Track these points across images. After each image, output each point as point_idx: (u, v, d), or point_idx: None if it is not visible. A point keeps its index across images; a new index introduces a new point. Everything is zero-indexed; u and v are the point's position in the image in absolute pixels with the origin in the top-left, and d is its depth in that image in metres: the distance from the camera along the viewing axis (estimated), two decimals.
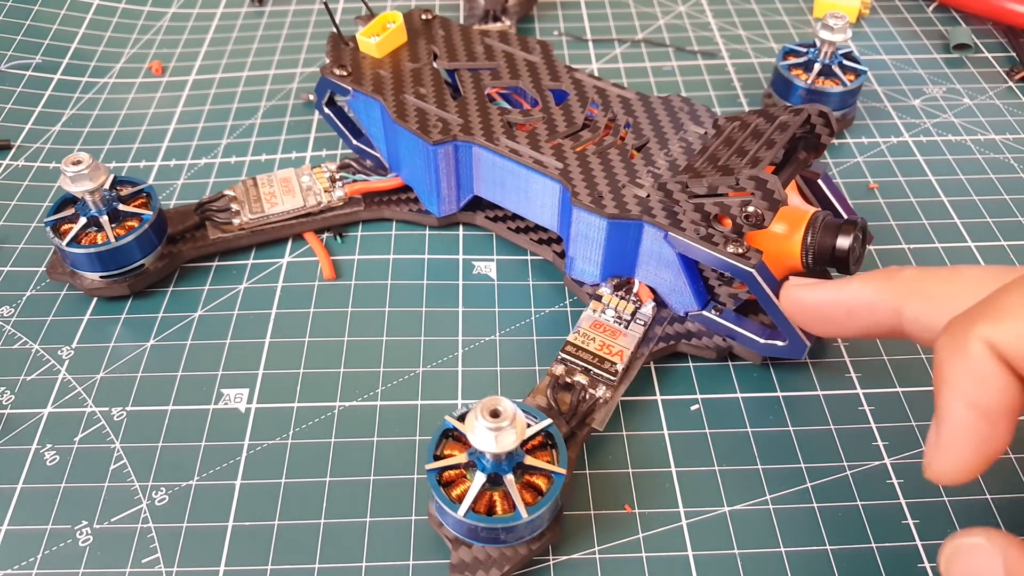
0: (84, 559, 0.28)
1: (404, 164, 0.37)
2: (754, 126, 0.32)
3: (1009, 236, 0.38)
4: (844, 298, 0.27)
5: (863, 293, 0.26)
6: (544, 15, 0.54)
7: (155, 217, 0.35)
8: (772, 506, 0.29)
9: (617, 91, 0.37)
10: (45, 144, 0.44)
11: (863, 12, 0.53)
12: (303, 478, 0.30)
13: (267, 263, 0.37)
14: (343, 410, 0.32)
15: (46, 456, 0.31)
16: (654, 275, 0.33)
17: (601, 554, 0.28)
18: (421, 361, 0.33)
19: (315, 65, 0.50)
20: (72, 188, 0.33)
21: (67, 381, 0.33)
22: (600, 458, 0.30)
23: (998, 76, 0.48)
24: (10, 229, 0.39)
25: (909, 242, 0.38)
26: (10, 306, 0.36)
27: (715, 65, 0.50)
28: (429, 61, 0.38)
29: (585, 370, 0.31)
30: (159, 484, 0.30)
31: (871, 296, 0.26)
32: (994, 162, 0.42)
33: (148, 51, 0.52)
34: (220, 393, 0.32)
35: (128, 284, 0.35)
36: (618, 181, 0.32)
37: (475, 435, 0.24)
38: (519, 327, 0.35)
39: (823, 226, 0.30)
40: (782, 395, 0.32)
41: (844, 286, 0.27)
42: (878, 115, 0.45)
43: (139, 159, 0.43)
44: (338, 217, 0.38)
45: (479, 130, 0.34)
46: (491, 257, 0.38)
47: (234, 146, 0.44)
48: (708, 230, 0.30)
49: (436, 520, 0.27)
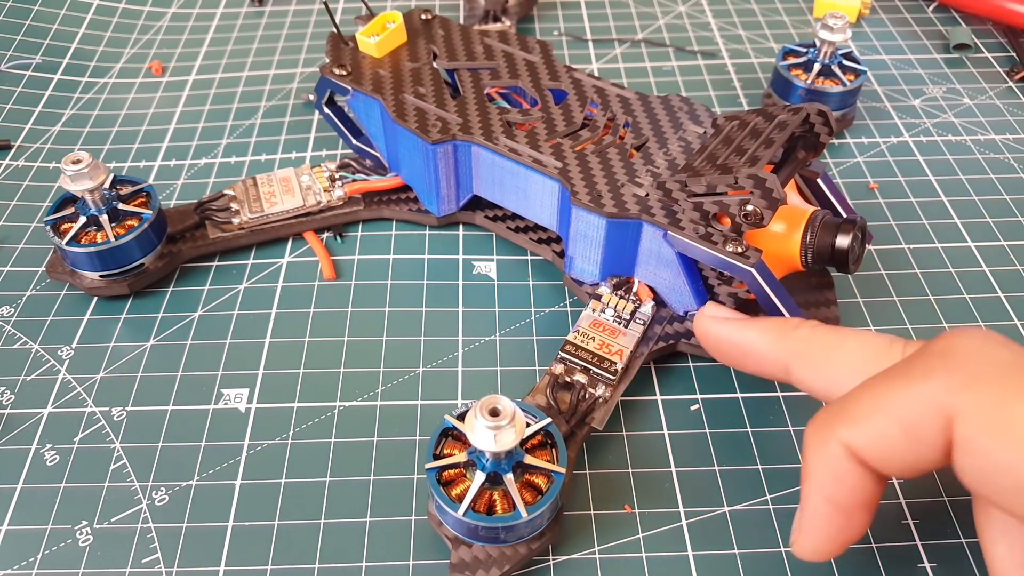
0: (84, 559, 0.28)
1: (403, 164, 0.37)
2: (753, 125, 0.32)
3: (1009, 236, 0.38)
4: (741, 341, 0.28)
5: (758, 343, 0.27)
6: (544, 15, 0.54)
7: (155, 216, 0.35)
8: (772, 506, 0.29)
9: (616, 91, 0.37)
10: (45, 144, 0.45)
11: (863, 12, 0.53)
12: (303, 478, 0.30)
13: (267, 263, 0.37)
14: (343, 410, 0.32)
15: (46, 456, 0.31)
16: (653, 274, 0.33)
17: (601, 554, 0.28)
18: (421, 361, 0.33)
19: (315, 65, 0.50)
20: (72, 187, 0.33)
21: (67, 381, 0.33)
22: (600, 458, 0.30)
23: (998, 76, 0.48)
24: (10, 229, 0.39)
25: (909, 242, 0.38)
26: (10, 306, 0.36)
27: (715, 65, 0.50)
28: (429, 61, 0.38)
29: (584, 369, 0.31)
30: (159, 484, 0.30)
31: (763, 348, 0.27)
32: (994, 162, 0.42)
33: (148, 51, 0.52)
34: (220, 393, 0.32)
35: (128, 283, 0.35)
36: (617, 180, 0.32)
37: (474, 434, 0.24)
38: (519, 327, 0.35)
39: (822, 225, 0.30)
40: (782, 395, 0.32)
41: (744, 329, 0.28)
42: (878, 115, 0.45)
43: (139, 159, 0.43)
44: (338, 217, 0.38)
45: (478, 129, 0.34)
46: (491, 257, 0.38)
47: (234, 146, 0.44)
48: (707, 229, 0.30)
49: (436, 519, 0.27)
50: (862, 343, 0.25)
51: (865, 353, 0.24)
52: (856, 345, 0.25)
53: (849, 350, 0.25)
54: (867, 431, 0.21)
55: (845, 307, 0.35)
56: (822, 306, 0.33)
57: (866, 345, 0.24)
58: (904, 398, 0.21)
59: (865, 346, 0.24)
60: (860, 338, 0.25)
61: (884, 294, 0.36)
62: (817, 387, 0.25)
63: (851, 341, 0.25)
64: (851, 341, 0.25)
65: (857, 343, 0.25)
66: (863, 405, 0.22)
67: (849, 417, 0.22)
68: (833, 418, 0.22)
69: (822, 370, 0.25)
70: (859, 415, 0.22)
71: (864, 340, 0.25)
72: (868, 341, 0.25)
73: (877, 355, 0.24)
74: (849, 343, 0.25)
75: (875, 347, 0.24)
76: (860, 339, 0.25)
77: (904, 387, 0.21)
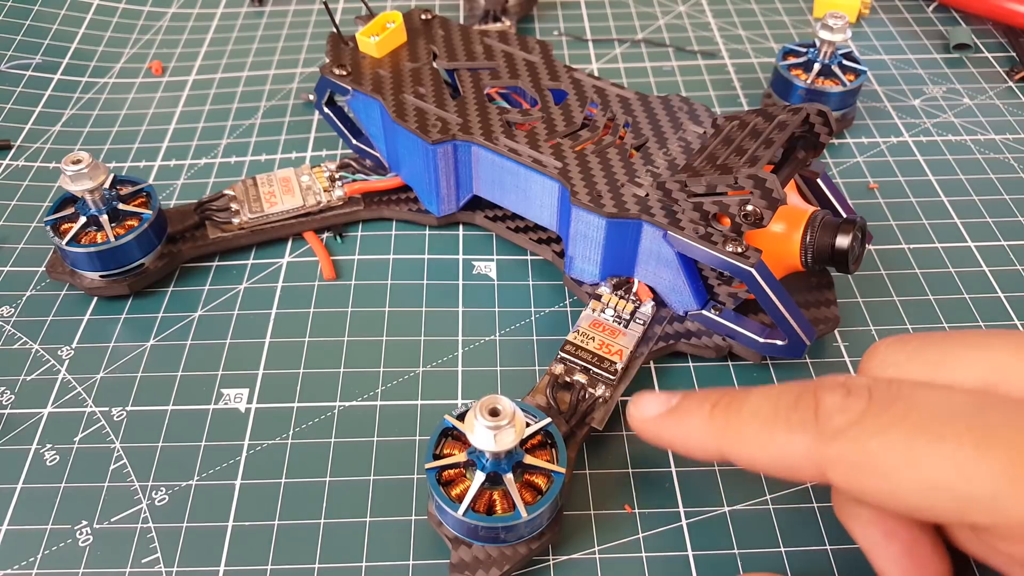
0: (84, 559, 0.28)
1: (403, 164, 0.37)
2: (753, 125, 0.32)
3: (1009, 236, 0.38)
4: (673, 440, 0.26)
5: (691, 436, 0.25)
6: (544, 15, 0.54)
7: (155, 216, 0.35)
8: (772, 506, 0.29)
9: (616, 91, 0.37)
10: (45, 144, 0.45)
11: (863, 12, 0.53)
12: (303, 478, 0.30)
13: (267, 263, 0.37)
14: (343, 410, 0.32)
15: (46, 456, 0.31)
16: (653, 274, 0.33)
17: (601, 554, 0.28)
18: (421, 361, 0.33)
19: (315, 65, 0.50)
20: (72, 187, 0.33)
21: (67, 381, 0.33)
22: (600, 458, 0.30)
23: (998, 76, 0.48)
24: (10, 229, 0.39)
25: (909, 242, 0.38)
26: (10, 306, 0.36)
27: (715, 65, 0.50)
28: (428, 61, 0.38)
29: (584, 369, 0.31)
30: (159, 484, 0.30)
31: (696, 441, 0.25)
32: (994, 162, 0.42)
33: (148, 51, 0.52)
34: (220, 393, 0.32)
35: (128, 283, 0.35)
36: (617, 180, 0.32)
37: (474, 434, 0.24)
38: (519, 327, 0.35)
39: (822, 225, 0.30)
40: None
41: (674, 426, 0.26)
42: (878, 115, 0.45)
43: (139, 159, 0.43)
44: (338, 217, 0.38)
45: (478, 129, 0.34)
46: (491, 257, 0.38)
47: (234, 146, 0.44)
48: (707, 229, 0.30)
49: (436, 519, 0.27)
50: (771, 403, 0.23)
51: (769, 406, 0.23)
52: (768, 410, 0.23)
53: (756, 406, 0.24)
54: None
55: (845, 307, 0.35)
56: (822, 306, 0.33)
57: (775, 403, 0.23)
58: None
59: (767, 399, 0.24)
60: (761, 393, 0.24)
61: (884, 294, 0.36)
62: (765, 469, 0.24)
63: (760, 406, 0.23)
64: (760, 406, 0.23)
65: (767, 407, 0.23)
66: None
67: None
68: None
69: (754, 451, 0.24)
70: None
71: (764, 395, 0.24)
72: (769, 395, 0.24)
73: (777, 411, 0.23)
74: (760, 410, 0.23)
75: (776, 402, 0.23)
76: (761, 394, 0.24)
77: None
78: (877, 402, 0.21)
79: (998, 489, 0.18)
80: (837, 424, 0.21)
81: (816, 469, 0.21)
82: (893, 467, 0.20)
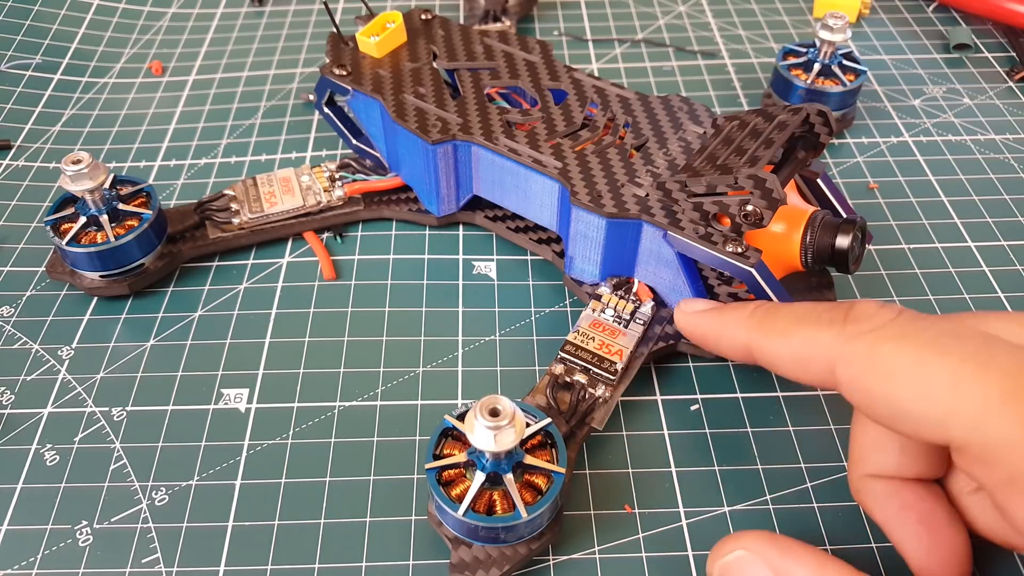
0: (84, 559, 0.28)
1: (404, 164, 0.37)
2: (753, 125, 0.32)
3: (1009, 236, 0.38)
4: (708, 332, 0.29)
5: (725, 328, 0.28)
6: (544, 15, 0.54)
7: (155, 216, 0.35)
8: (772, 506, 0.29)
9: (616, 91, 0.37)
10: (45, 144, 0.45)
11: (863, 12, 0.53)
12: (303, 478, 0.30)
13: (267, 263, 0.37)
14: (343, 410, 0.32)
15: (46, 456, 0.31)
16: (653, 274, 0.33)
17: (601, 554, 0.28)
18: (421, 361, 0.33)
19: (315, 65, 0.50)
20: (72, 187, 0.33)
21: (67, 381, 0.33)
22: (600, 458, 0.30)
23: (998, 76, 0.48)
24: (10, 229, 0.39)
25: (909, 242, 0.38)
26: (10, 306, 0.36)
27: (715, 65, 0.50)
28: (428, 61, 0.38)
29: (584, 369, 0.31)
30: (159, 484, 0.30)
31: (730, 332, 0.28)
32: (994, 162, 0.42)
33: (148, 51, 0.52)
34: (220, 393, 0.32)
35: (128, 283, 0.35)
36: (617, 180, 0.32)
37: (474, 434, 0.24)
38: (519, 327, 0.35)
39: (822, 225, 0.30)
40: (782, 395, 0.32)
41: (712, 320, 0.29)
42: (878, 115, 0.45)
43: (139, 159, 0.43)
44: (338, 217, 0.38)
45: (478, 129, 0.34)
46: (491, 257, 0.38)
47: (234, 146, 0.44)
48: (707, 229, 0.30)
49: (436, 519, 0.27)
50: (809, 307, 0.26)
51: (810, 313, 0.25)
52: (804, 310, 0.26)
53: (796, 308, 0.26)
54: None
55: None
56: None
57: (814, 307, 0.26)
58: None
59: (807, 304, 0.26)
60: (805, 305, 0.26)
61: (884, 294, 0.36)
62: (781, 360, 0.26)
63: (798, 308, 0.26)
64: (798, 308, 0.26)
65: (804, 309, 0.26)
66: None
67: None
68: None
69: (779, 341, 0.26)
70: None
71: (806, 303, 0.26)
72: (811, 303, 0.26)
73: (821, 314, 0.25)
74: (797, 310, 0.26)
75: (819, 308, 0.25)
76: (806, 306, 0.26)
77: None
78: (905, 316, 0.22)
79: (981, 408, 0.20)
80: (861, 327, 0.23)
81: (828, 366, 0.23)
82: (897, 370, 0.21)
